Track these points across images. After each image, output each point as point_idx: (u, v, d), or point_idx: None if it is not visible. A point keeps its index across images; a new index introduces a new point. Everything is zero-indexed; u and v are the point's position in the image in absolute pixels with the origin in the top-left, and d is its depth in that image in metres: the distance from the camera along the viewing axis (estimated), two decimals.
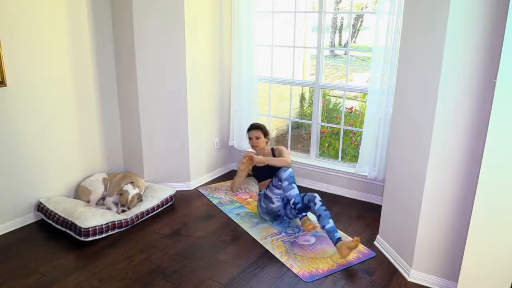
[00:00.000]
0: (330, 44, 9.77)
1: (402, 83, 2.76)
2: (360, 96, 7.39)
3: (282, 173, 3.24)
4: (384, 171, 3.59)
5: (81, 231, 3.04)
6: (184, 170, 4.05)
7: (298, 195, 3.20)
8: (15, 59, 3.08)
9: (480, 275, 2.26)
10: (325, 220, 3.01)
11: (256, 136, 3.56)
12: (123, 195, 3.44)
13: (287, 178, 3.21)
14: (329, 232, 2.97)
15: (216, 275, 2.76)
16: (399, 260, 2.84)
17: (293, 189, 3.21)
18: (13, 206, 3.27)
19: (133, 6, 3.54)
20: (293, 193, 3.20)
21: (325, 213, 3.05)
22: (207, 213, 3.63)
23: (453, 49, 2.26)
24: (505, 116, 1.99)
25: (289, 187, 3.20)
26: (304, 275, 2.76)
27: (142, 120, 3.83)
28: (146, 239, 3.19)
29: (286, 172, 3.23)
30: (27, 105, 3.22)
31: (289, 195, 3.20)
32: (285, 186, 3.21)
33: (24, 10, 3.09)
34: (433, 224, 2.57)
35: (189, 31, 3.71)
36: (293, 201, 3.18)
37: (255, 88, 4.26)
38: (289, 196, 3.20)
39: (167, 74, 3.76)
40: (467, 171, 2.39)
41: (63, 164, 3.56)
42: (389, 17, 3.29)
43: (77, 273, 2.75)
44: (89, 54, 3.60)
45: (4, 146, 3.14)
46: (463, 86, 2.29)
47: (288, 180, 3.21)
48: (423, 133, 2.50)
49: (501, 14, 2.07)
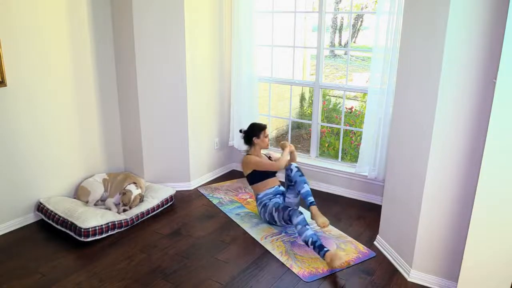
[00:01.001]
0: (330, 44, 9.77)
1: (402, 83, 2.76)
2: (360, 96, 7.39)
3: (294, 218, 3.00)
4: (384, 171, 3.59)
5: (81, 231, 3.04)
6: (184, 170, 4.05)
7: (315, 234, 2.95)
8: (15, 59, 3.08)
9: (480, 275, 2.26)
10: (300, 185, 3.18)
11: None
12: (126, 195, 3.44)
13: (300, 222, 2.97)
14: (304, 197, 3.15)
15: (216, 275, 2.76)
16: (399, 260, 2.84)
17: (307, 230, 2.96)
18: (13, 206, 3.27)
19: (133, 6, 3.54)
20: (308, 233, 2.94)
21: (300, 178, 3.20)
22: (207, 213, 3.63)
23: (453, 49, 2.26)
24: (505, 116, 1.99)
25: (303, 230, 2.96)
26: (304, 275, 2.76)
27: (142, 120, 3.83)
28: (146, 239, 3.19)
29: (299, 217, 2.99)
30: (27, 105, 3.22)
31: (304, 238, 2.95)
32: (300, 230, 2.97)
33: (24, 10, 3.09)
34: (433, 224, 2.57)
35: (189, 31, 3.71)
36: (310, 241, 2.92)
37: (255, 88, 4.26)
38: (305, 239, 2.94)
39: (167, 74, 3.76)
40: (467, 171, 2.39)
41: (63, 164, 3.56)
42: (389, 17, 3.29)
43: (77, 273, 2.75)
44: (89, 54, 3.60)
45: (4, 146, 3.14)
46: (463, 86, 2.29)
47: (302, 224, 2.97)
48: (423, 133, 2.50)
49: (501, 14, 2.07)
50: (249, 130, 3.52)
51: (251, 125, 3.55)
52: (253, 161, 3.39)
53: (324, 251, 2.83)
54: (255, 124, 3.57)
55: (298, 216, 3.00)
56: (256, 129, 3.48)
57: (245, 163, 3.45)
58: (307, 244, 2.93)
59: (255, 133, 3.47)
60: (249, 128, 3.53)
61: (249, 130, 3.51)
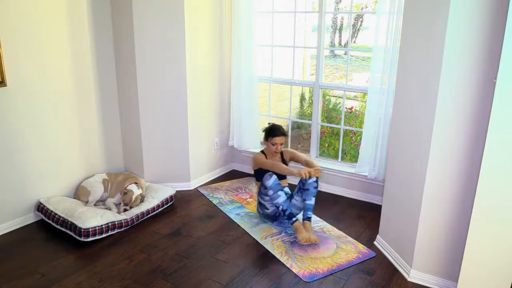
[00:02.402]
0: (330, 44, 9.78)
1: (402, 83, 2.76)
2: (360, 96, 7.39)
3: (266, 181, 3.17)
4: (384, 171, 3.59)
5: (81, 231, 3.04)
6: (184, 170, 4.05)
7: (286, 201, 3.19)
8: (15, 59, 3.08)
9: (480, 275, 2.26)
10: (309, 196, 3.23)
11: (281, 143, 3.37)
12: (127, 194, 3.44)
13: (271, 186, 3.16)
14: (306, 208, 3.23)
15: (216, 275, 2.76)
16: (399, 260, 2.84)
17: (279, 197, 3.17)
18: (13, 206, 3.27)
19: (133, 6, 3.54)
20: (280, 200, 3.17)
21: (313, 190, 3.22)
22: (207, 213, 3.63)
23: (453, 49, 2.26)
24: (505, 116, 1.99)
25: (275, 196, 3.17)
26: (304, 275, 2.76)
27: (142, 120, 3.83)
28: (146, 239, 3.19)
29: (270, 180, 3.16)
30: (27, 105, 3.22)
31: (276, 203, 3.18)
32: (272, 195, 3.17)
33: (24, 10, 3.09)
34: (433, 224, 2.57)
35: (189, 31, 3.71)
36: (281, 208, 3.18)
37: (255, 88, 4.26)
38: (277, 204, 3.18)
39: (167, 74, 3.76)
40: (467, 171, 2.39)
41: (63, 164, 3.56)
42: (389, 17, 3.29)
43: (77, 273, 2.75)
44: (89, 54, 3.60)
45: (4, 146, 3.14)
46: (463, 86, 2.29)
47: (273, 189, 3.16)
48: (423, 133, 2.50)
49: (501, 14, 2.07)
50: (266, 129, 3.42)
51: (270, 126, 3.43)
52: (258, 160, 3.39)
53: (292, 221, 3.17)
54: (272, 127, 3.40)
55: (270, 179, 3.16)
56: (268, 132, 3.38)
57: (253, 159, 3.47)
58: (277, 208, 3.20)
59: (266, 134, 3.40)
60: (267, 128, 3.42)
61: (266, 129, 3.42)
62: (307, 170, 3.12)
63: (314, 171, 3.14)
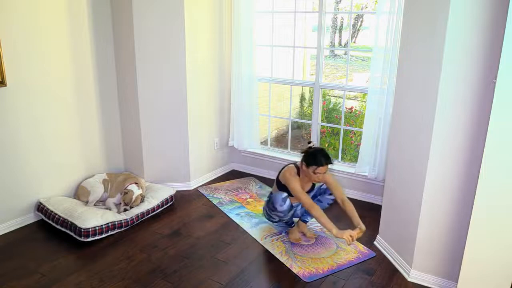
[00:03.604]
0: (330, 44, 9.78)
1: (402, 83, 2.76)
2: (360, 96, 7.39)
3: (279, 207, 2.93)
4: (384, 171, 3.59)
5: (81, 231, 3.04)
6: (184, 170, 4.05)
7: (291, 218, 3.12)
8: (15, 59, 3.08)
9: (480, 275, 2.26)
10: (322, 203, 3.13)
11: (325, 171, 2.94)
12: (128, 194, 3.44)
13: (283, 211, 2.96)
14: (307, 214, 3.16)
15: (216, 275, 2.76)
16: (399, 260, 2.84)
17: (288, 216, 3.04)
18: (13, 206, 3.27)
19: (133, 6, 3.54)
20: (287, 218, 3.07)
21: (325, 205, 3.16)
22: (207, 213, 3.63)
23: (453, 49, 2.26)
24: (505, 116, 1.99)
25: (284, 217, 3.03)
26: (304, 275, 2.76)
27: (142, 120, 3.83)
28: (146, 239, 3.19)
29: (284, 206, 2.93)
30: (27, 105, 3.22)
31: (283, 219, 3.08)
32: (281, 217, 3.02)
33: (24, 10, 3.09)
34: (433, 224, 2.57)
35: (189, 31, 3.71)
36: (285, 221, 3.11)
37: (255, 88, 4.26)
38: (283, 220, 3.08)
39: (167, 74, 3.76)
40: (467, 171, 2.39)
41: (63, 164, 3.56)
42: (389, 17, 3.29)
43: (77, 273, 2.75)
44: (89, 54, 3.60)
45: (4, 146, 3.14)
46: (463, 86, 2.29)
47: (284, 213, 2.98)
48: (423, 133, 2.50)
49: (501, 14, 2.07)
50: (309, 153, 2.92)
51: (314, 151, 2.92)
52: (292, 185, 2.92)
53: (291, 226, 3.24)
54: (318, 153, 2.89)
55: (283, 206, 2.92)
56: (313, 159, 2.88)
57: (285, 176, 3.00)
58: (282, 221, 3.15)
59: (308, 160, 2.90)
60: (312, 153, 2.91)
61: (309, 153, 2.92)
62: (350, 234, 2.68)
63: (358, 233, 2.73)
